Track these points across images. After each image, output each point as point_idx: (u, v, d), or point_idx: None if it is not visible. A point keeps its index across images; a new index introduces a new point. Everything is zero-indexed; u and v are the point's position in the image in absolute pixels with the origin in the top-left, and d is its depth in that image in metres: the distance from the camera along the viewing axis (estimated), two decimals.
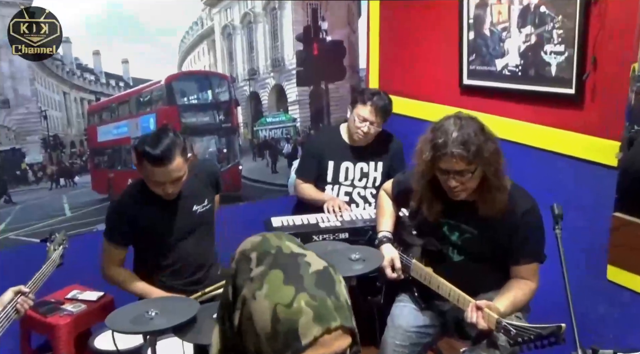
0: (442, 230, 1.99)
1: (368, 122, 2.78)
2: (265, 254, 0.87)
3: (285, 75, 3.29)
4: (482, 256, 1.95)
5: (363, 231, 2.60)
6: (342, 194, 2.96)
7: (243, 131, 3.26)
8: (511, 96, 2.50)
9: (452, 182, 1.80)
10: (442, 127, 1.77)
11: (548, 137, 2.34)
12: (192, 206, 2.25)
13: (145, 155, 2.00)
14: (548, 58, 2.28)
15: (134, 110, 2.95)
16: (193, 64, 3.04)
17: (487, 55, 2.59)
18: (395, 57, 3.32)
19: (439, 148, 1.74)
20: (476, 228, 1.92)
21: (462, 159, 1.73)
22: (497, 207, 1.83)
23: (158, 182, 2.05)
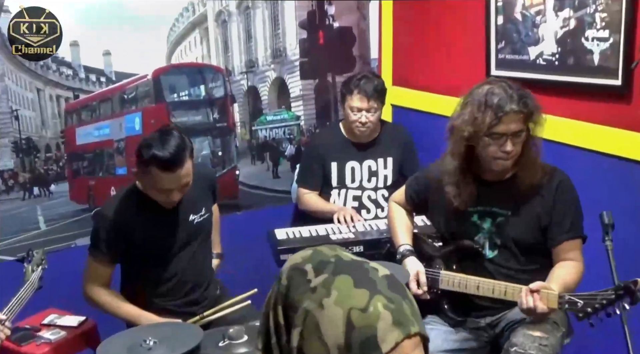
0: (471, 220, 2.05)
1: (363, 111, 2.80)
2: (323, 264, 0.89)
3: (287, 67, 3.29)
4: (519, 241, 2.00)
5: (380, 243, 2.58)
6: (350, 199, 2.96)
7: (240, 131, 3.25)
8: (547, 89, 2.46)
9: (507, 146, 1.88)
10: (485, 92, 1.87)
11: (590, 135, 2.31)
12: (189, 215, 2.24)
13: (154, 159, 1.98)
14: (590, 45, 2.26)
15: (117, 108, 2.93)
16: (184, 56, 3.03)
17: (518, 42, 2.57)
18: (411, 45, 3.30)
19: (499, 109, 1.83)
20: (509, 209, 2.00)
21: (522, 115, 1.84)
22: (539, 175, 1.94)
23: (165, 189, 2.04)
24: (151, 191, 2.08)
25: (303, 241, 2.62)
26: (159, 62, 2.96)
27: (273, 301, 0.92)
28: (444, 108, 3.03)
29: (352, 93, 2.79)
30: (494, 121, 1.84)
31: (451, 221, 2.10)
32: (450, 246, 2.12)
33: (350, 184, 2.95)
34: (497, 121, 1.84)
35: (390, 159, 2.95)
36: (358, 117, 2.81)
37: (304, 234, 2.70)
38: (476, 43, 2.77)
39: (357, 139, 2.93)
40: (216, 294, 2.38)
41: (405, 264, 2.15)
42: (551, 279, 1.92)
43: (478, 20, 2.73)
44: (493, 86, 1.88)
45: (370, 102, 2.78)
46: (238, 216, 3.22)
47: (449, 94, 3.02)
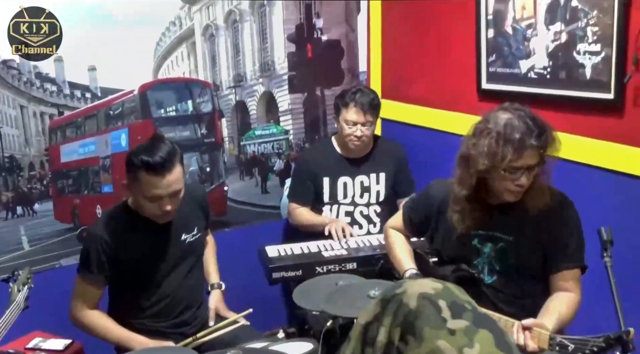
0: (472, 244, 2.02)
1: (359, 125, 2.81)
2: (459, 307, 0.96)
3: (275, 81, 3.29)
4: (519, 268, 1.98)
5: (373, 260, 2.58)
6: (342, 214, 2.96)
7: (228, 146, 3.24)
8: (539, 102, 2.45)
9: (523, 180, 1.85)
10: (504, 123, 1.82)
11: (583, 149, 2.32)
12: (181, 234, 2.23)
13: (143, 164, 1.98)
14: (582, 59, 2.28)
15: (102, 125, 2.91)
16: (171, 71, 3.02)
17: (509, 55, 2.59)
18: (401, 58, 3.31)
19: (521, 144, 1.79)
20: (511, 234, 1.98)
21: (540, 150, 1.82)
22: (546, 200, 1.91)
23: (156, 196, 2.02)
24: (142, 202, 2.05)
25: (295, 258, 2.61)
26: (146, 77, 2.94)
27: (390, 318, 0.96)
28: (434, 122, 3.06)
29: (347, 106, 2.80)
30: (514, 156, 1.80)
31: (451, 243, 2.07)
32: (447, 267, 2.10)
33: (343, 200, 2.95)
34: (518, 156, 1.81)
35: (383, 174, 2.96)
36: (353, 131, 2.81)
37: (296, 251, 2.69)
38: (467, 56, 2.78)
39: (350, 154, 2.93)
40: (207, 314, 2.35)
41: None
42: (546, 312, 1.88)
43: (469, 33, 2.74)
44: (512, 117, 1.83)
45: (366, 115, 2.80)
46: (226, 233, 3.20)
47: (439, 107, 3.05)
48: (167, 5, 2.96)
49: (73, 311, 2.18)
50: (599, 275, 1.84)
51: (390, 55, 3.38)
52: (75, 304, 2.17)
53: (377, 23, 3.40)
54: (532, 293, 2.00)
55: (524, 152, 1.80)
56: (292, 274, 2.52)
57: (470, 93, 2.80)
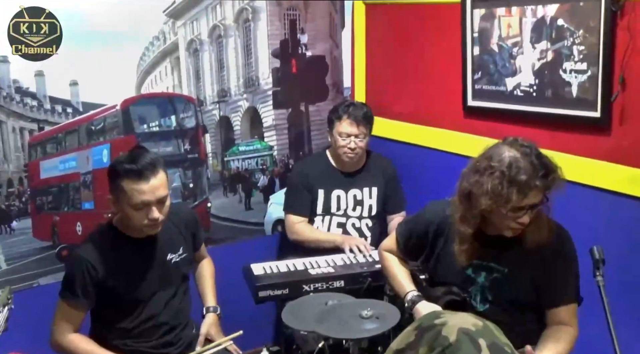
0: (465, 273, 1.99)
1: (352, 137, 2.84)
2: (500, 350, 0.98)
3: (260, 96, 3.28)
4: (512, 300, 1.96)
5: (361, 277, 2.56)
6: (334, 226, 2.98)
7: (212, 162, 3.22)
8: (525, 120, 2.51)
9: (525, 218, 1.82)
10: (509, 163, 1.77)
11: (570, 167, 2.25)
12: (167, 254, 2.20)
13: (125, 171, 1.97)
14: (568, 77, 2.30)
15: (84, 140, 2.88)
16: (154, 86, 3.00)
17: (495, 73, 2.61)
18: (385, 74, 3.33)
19: (525, 186, 1.75)
20: (507, 265, 1.94)
21: (545, 190, 1.78)
22: (545, 235, 1.87)
23: (143, 202, 1.99)
24: (129, 213, 2.02)
25: (282, 276, 2.59)
26: (128, 92, 2.93)
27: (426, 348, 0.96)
28: (420, 138, 3.08)
29: (340, 119, 2.84)
30: (518, 198, 1.76)
31: (444, 270, 2.04)
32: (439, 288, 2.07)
33: (336, 212, 2.96)
34: (522, 197, 1.77)
35: (375, 189, 2.98)
36: (347, 143, 2.84)
37: (282, 268, 2.66)
38: (453, 73, 2.80)
39: (344, 167, 2.95)
40: (192, 334, 2.33)
41: (418, 310, 2.05)
42: (544, 347, 1.87)
43: (455, 50, 2.76)
44: (517, 156, 1.78)
45: (359, 127, 2.84)
46: (210, 250, 3.07)
47: (425, 123, 3.06)
48: (151, 19, 2.94)
49: (55, 336, 2.12)
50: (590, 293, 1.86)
51: (375, 71, 3.40)
52: (57, 328, 2.11)
53: (362, 38, 3.41)
54: (525, 321, 1.98)
55: (529, 193, 1.76)
56: (278, 293, 2.49)
57: (456, 110, 2.82)
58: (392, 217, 3.01)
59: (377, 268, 2.53)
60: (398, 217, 2.99)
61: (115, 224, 2.15)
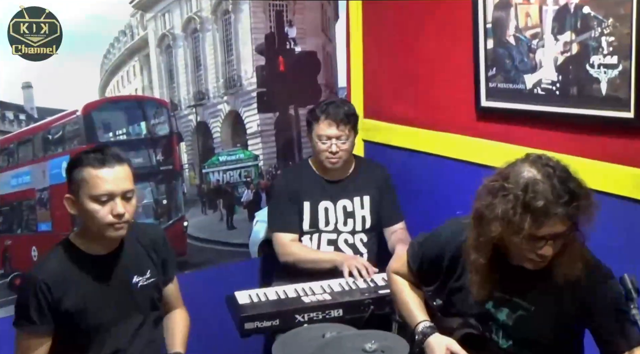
0: (484, 307, 1.96)
1: (333, 139, 2.86)
2: None
3: (242, 99, 3.30)
4: (539, 341, 1.92)
5: (362, 305, 2.55)
6: (324, 244, 2.98)
7: (188, 175, 3.23)
8: (546, 122, 2.50)
9: (547, 250, 1.77)
10: (525, 184, 1.72)
11: (599, 175, 2.30)
12: (132, 277, 2.21)
13: (87, 160, 2.04)
14: (596, 73, 2.29)
15: (39, 152, 2.87)
16: (120, 88, 3.01)
17: (512, 69, 2.61)
18: (386, 72, 3.33)
19: (540, 214, 1.70)
20: (533, 303, 1.91)
21: (569, 220, 1.72)
22: (578, 270, 1.81)
23: (107, 192, 2.02)
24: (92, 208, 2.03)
25: (271, 305, 2.57)
26: (91, 95, 2.93)
27: None
28: (425, 144, 3.08)
29: (318, 120, 2.87)
30: (533, 226, 1.71)
31: (461, 301, 2.02)
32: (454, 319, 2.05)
33: (324, 228, 2.96)
34: (538, 226, 1.71)
35: (367, 198, 2.98)
36: (327, 146, 2.86)
37: (271, 296, 2.65)
38: (463, 69, 2.80)
39: (330, 175, 2.97)
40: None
41: (429, 344, 2.03)
42: None
43: (465, 43, 2.76)
44: (537, 178, 1.72)
45: (340, 127, 2.85)
46: (187, 276, 3.12)
47: (431, 128, 3.07)
48: (116, 11, 2.95)
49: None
50: None
51: (373, 69, 3.40)
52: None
53: (358, 32, 3.42)
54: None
55: (546, 221, 1.71)
56: (268, 324, 2.48)
57: (467, 112, 2.82)
58: (391, 230, 3.01)
59: (380, 293, 2.53)
60: (398, 229, 3.00)
61: (73, 241, 2.16)
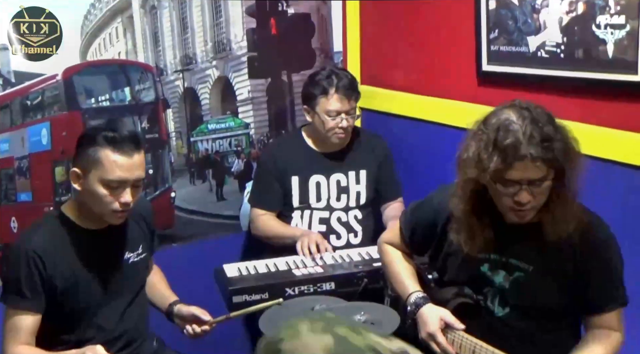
0: (480, 270, 1.99)
1: (343, 114, 2.84)
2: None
3: (232, 64, 3.28)
4: (539, 306, 1.95)
5: (355, 278, 2.56)
6: (315, 222, 2.97)
7: (176, 143, 3.23)
8: (550, 87, 2.49)
9: (523, 196, 1.79)
10: (503, 123, 1.77)
11: (604, 142, 2.32)
12: (124, 253, 2.22)
13: (108, 140, 2.00)
14: (602, 34, 2.27)
15: (17, 119, 2.87)
16: (103, 51, 2.99)
17: (515, 31, 2.59)
18: (384, 35, 3.32)
19: (510, 151, 1.73)
20: (531, 263, 1.93)
21: (543, 163, 1.74)
22: (571, 227, 1.83)
23: (121, 180, 2.02)
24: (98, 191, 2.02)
25: (260, 278, 2.58)
26: (71, 59, 2.91)
27: None
28: (424, 111, 3.08)
29: (327, 94, 2.83)
30: (501, 166, 1.74)
31: (455, 267, 2.04)
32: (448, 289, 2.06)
33: (316, 204, 2.96)
34: (507, 166, 1.75)
35: (363, 172, 2.97)
36: (338, 122, 2.84)
37: (261, 269, 2.66)
38: (464, 32, 2.78)
39: (325, 148, 2.96)
40: (152, 348, 2.36)
41: (422, 316, 2.05)
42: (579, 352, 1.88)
43: (466, 4, 2.75)
44: (510, 118, 1.76)
45: (350, 101, 2.84)
46: (175, 250, 3.18)
47: (430, 94, 3.08)
48: None
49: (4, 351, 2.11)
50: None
51: (371, 32, 3.39)
52: (9, 343, 2.09)
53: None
54: (555, 327, 1.97)
55: (516, 162, 1.73)
56: (256, 298, 2.48)
57: (468, 77, 2.81)
58: (387, 206, 3.01)
59: (374, 266, 2.54)
60: (395, 204, 2.99)
61: (64, 212, 2.15)
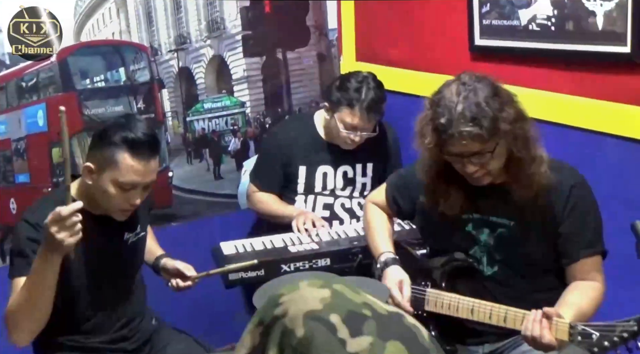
0: (465, 230, 2.03)
1: (358, 130, 2.74)
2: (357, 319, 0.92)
3: (227, 42, 3.27)
4: (525, 258, 1.99)
5: (350, 254, 2.58)
6: (319, 207, 2.95)
7: (172, 123, 3.22)
8: (542, 60, 2.51)
9: (469, 167, 1.87)
10: (443, 100, 1.84)
11: (595, 114, 2.34)
12: (123, 233, 2.22)
13: (127, 142, 1.98)
14: (592, 5, 2.28)
15: (13, 100, 2.87)
16: (96, 32, 2.98)
17: (506, 5, 2.59)
18: (378, 11, 3.30)
19: (443, 130, 1.81)
20: (511, 218, 1.98)
21: (475, 139, 1.80)
22: (537, 185, 1.89)
23: (133, 183, 2.02)
24: (109, 190, 2.02)
25: (256, 255, 2.59)
26: (66, 39, 2.89)
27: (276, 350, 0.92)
28: (419, 87, 3.04)
29: (352, 107, 2.69)
30: (437, 142, 1.83)
31: (441, 230, 2.09)
32: (439, 258, 2.11)
33: (321, 191, 2.94)
34: (442, 142, 1.83)
35: (370, 165, 2.94)
36: (351, 136, 2.74)
37: (257, 246, 2.68)
38: (456, 7, 2.79)
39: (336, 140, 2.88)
40: (151, 327, 2.37)
41: (386, 275, 2.13)
42: (562, 303, 1.90)
43: None
44: (450, 93, 1.83)
45: (371, 120, 2.74)
46: (173, 229, 3.19)
47: (424, 69, 3.06)
48: None
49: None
50: (622, 260, 1.87)
51: (365, 9, 3.37)
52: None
53: None
54: (545, 285, 2.01)
55: (449, 140, 1.80)
56: (252, 275, 2.50)
57: (461, 51, 2.81)
58: None
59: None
60: None
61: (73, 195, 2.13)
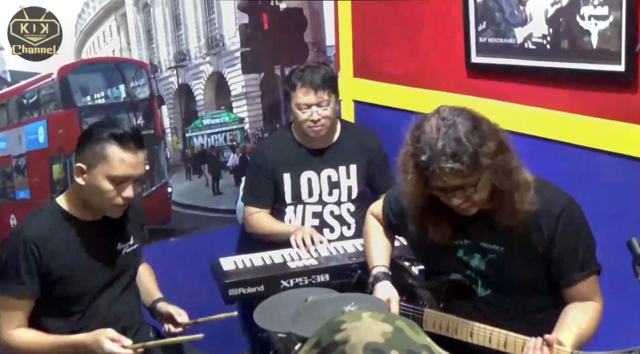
0: (456, 256, 2.03)
1: (313, 106, 2.82)
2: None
3: (226, 59, 3.28)
4: (516, 282, 1.99)
5: (349, 270, 2.58)
6: (308, 217, 2.98)
7: (171, 139, 3.23)
8: (537, 78, 2.52)
9: (454, 200, 1.86)
10: (423, 135, 1.81)
11: (589, 131, 2.35)
12: (116, 244, 2.24)
13: (115, 137, 2.03)
14: (586, 25, 2.29)
15: (14, 117, 2.88)
16: (97, 49, 3.00)
17: (502, 23, 2.60)
18: (375, 28, 3.31)
19: (425, 166, 1.78)
20: (500, 244, 1.97)
21: (457, 175, 1.78)
22: (522, 212, 1.87)
23: (125, 176, 2.06)
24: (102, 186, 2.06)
25: (256, 271, 2.61)
26: (66, 57, 2.91)
27: None
28: (416, 103, 3.05)
29: (295, 88, 2.82)
30: (419, 177, 1.82)
31: (434, 254, 2.08)
32: (437, 278, 2.11)
33: (308, 199, 2.96)
34: (424, 178, 1.81)
35: (353, 166, 2.97)
36: (308, 115, 2.82)
37: (256, 262, 2.68)
38: (453, 24, 2.80)
39: (312, 144, 2.94)
40: (149, 337, 2.35)
41: (376, 290, 2.13)
42: (563, 325, 1.88)
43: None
44: (430, 129, 1.78)
45: (318, 93, 2.81)
46: (172, 244, 3.20)
47: (421, 86, 3.06)
48: None
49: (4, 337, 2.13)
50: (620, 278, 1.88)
51: (362, 26, 3.38)
52: (3, 327, 2.12)
53: None
54: (538, 305, 2.01)
55: (430, 176, 1.79)
56: (252, 291, 2.52)
57: (458, 68, 2.83)
58: None
59: None
60: None
61: (60, 203, 2.18)
